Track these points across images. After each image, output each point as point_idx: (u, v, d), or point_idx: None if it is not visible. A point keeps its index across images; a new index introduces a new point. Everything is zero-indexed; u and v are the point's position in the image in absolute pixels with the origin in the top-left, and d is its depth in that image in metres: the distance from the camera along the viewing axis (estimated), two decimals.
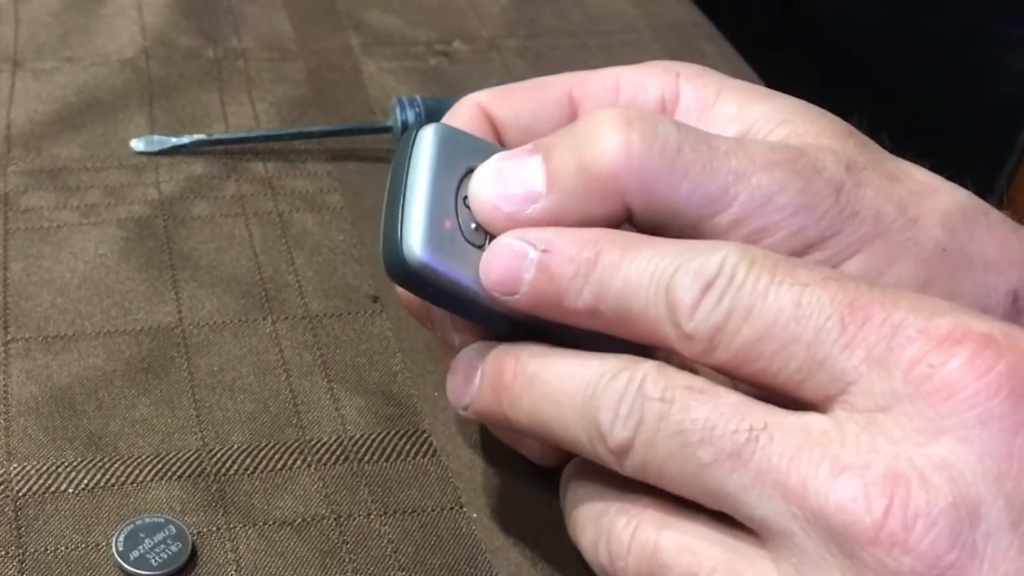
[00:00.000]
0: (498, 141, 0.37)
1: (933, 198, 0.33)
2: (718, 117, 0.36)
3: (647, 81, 0.37)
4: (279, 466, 0.42)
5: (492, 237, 0.33)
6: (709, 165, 0.31)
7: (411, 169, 0.33)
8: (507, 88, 0.38)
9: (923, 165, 0.35)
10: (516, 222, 0.32)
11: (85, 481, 0.41)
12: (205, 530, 0.39)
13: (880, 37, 1.05)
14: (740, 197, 0.31)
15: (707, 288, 0.28)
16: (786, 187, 0.31)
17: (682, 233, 0.32)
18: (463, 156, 0.34)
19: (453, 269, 0.32)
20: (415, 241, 0.32)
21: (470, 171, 0.34)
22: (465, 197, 0.33)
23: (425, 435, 0.43)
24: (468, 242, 0.32)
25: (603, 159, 0.31)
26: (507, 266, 0.32)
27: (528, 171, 0.32)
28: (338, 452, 0.43)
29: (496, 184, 0.33)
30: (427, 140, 0.34)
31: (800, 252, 0.31)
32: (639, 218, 0.32)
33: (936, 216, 0.32)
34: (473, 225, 0.33)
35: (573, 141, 0.32)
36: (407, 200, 0.33)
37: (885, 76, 1.00)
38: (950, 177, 0.35)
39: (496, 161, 0.33)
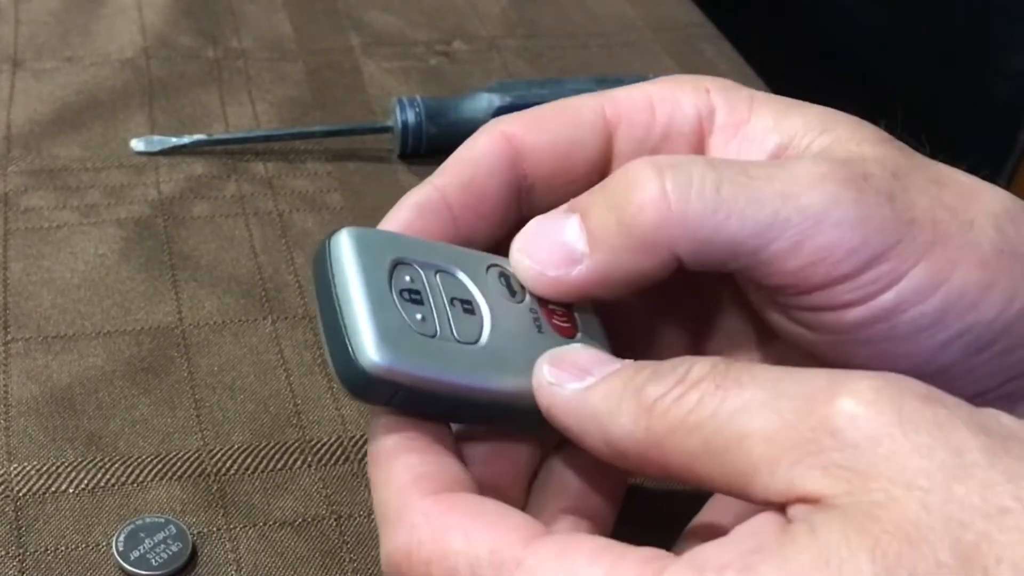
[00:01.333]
0: (519, 174, 0.35)
1: (980, 200, 0.32)
2: (755, 131, 0.35)
3: (681, 99, 0.36)
4: (279, 466, 0.42)
5: (451, 325, 0.31)
6: (753, 195, 0.30)
7: (337, 277, 0.31)
8: (534, 115, 0.36)
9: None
10: (563, 285, 0.32)
11: (85, 481, 0.41)
12: (205, 530, 0.39)
13: (880, 37, 1.05)
14: (792, 219, 0.30)
15: None
16: (838, 201, 0.30)
17: (744, 270, 0.31)
18: (382, 251, 0.32)
19: (412, 366, 0.30)
20: (368, 346, 0.29)
21: (397, 264, 0.32)
22: (403, 291, 0.31)
23: None
24: (421, 335, 0.30)
25: (642, 213, 0.30)
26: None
27: (568, 233, 0.32)
28: (338, 452, 0.43)
29: (536, 249, 0.32)
30: (343, 245, 0.31)
31: (865, 266, 0.30)
32: (691, 264, 0.31)
33: (988, 218, 0.31)
34: (419, 316, 0.31)
35: (609, 198, 0.31)
36: (344, 309, 0.30)
37: (885, 76, 1.00)
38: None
39: (534, 225, 0.33)
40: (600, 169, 0.35)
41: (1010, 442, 0.24)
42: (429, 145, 0.57)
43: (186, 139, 0.56)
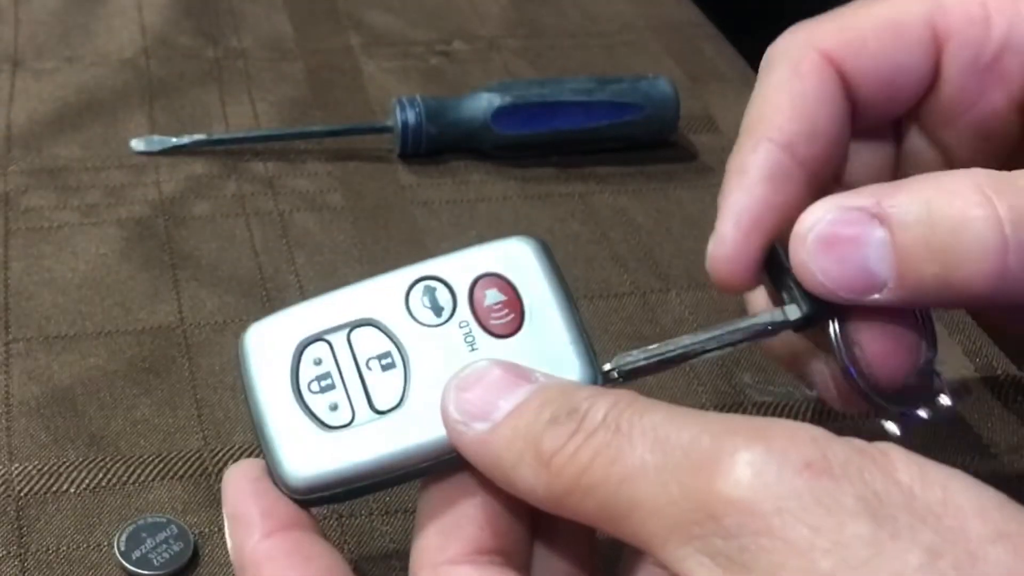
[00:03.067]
0: (848, 103, 0.30)
1: None
2: None
3: (1020, 7, 0.30)
4: None
5: (368, 398, 0.30)
6: None
7: (248, 394, 0.31)
8: (855, 30, 0.30)
9: None
10: (853, 303, 0.28)
11: (87, 481, 0.41)
12: (207, 530, 0.39)
13: None
14: None
15: None
16: None
17: None
18: (286, 339, 0.31)
19: (336, 466, 0.29)
20: (285, 471, 0.30)
21: (304, 347, 0.31)
22: (312, 382, 0.30)
23: None
24: (336, 428, 0.30)
25: (971, 283, 0.26)
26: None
27: (872, 256, 0.27)
28: None
29: (829, 263, 0.28)
30: (246, 350, 0.31)
31: None
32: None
33: None
34: (331, 404, 0.30)
35: (933, 243, 0.26)
36: (257, 428, 0.30)
37: None
38: None
39: (828, 229, 0.28)
40: (924, 86, 0.31)
41: (900, 520, 0.22)
42: (429, 145, 0.57)
43: (186, 139, 0.56)
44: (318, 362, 0.31)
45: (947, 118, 0.32)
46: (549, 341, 0.31)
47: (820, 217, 0.28)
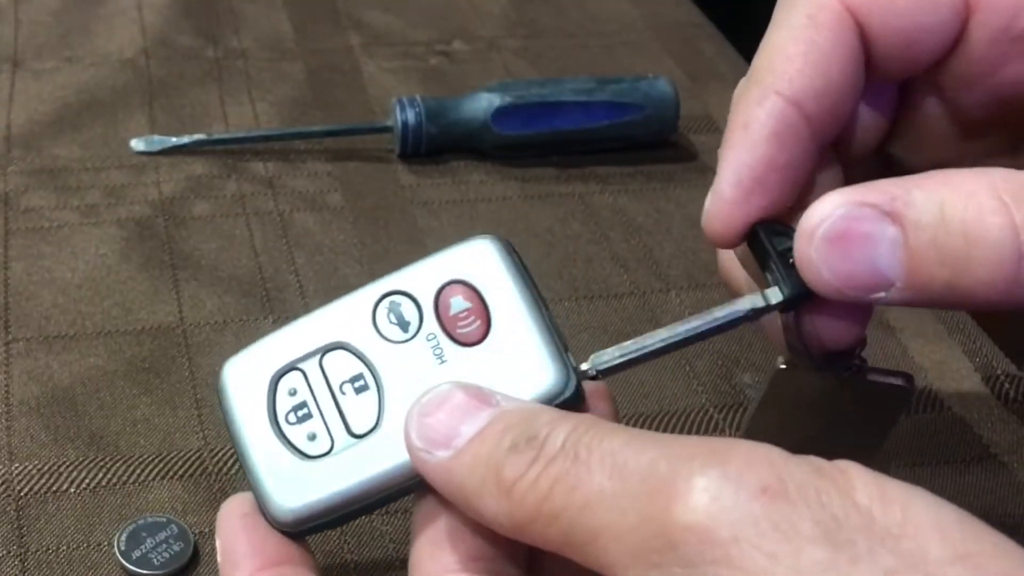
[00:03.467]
0: (863, 59, 0.29)
1: None
2: None
3: None
4: None
5: (345, 423, 0.30)
6: None
7: (229, 427, 0.31)
8: None
9: None
10: (855, 299, 0.27)
11: (87, 481, 0.41)
12: (207, 530, 0.39)
13: None
14: None
15: None
16: None
17: None
18: (261, 371, 0.31)
19: (319, 496, 0.30)
20: (272, 506, 0.30)
21: (279, 377, 0.31)
22: (289, 413, 0.31)
23: None
24: (315, 458, 0.30)
25: (980, 291, 0.26)
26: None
27: (883, 255, 0.26)
28: None
29: (840, 261, 0.27)
30: (225, 386, 0.32)
31: None
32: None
33: None
34: (309, 434, 0.30)
35: (946, 248, 0.26)
36: (244, 461, 0.31)
37: None
38: None
39: (840, 227, 0.27)
40: (945, 49, 0.30)
41: (859, 543, 0.22)
42: (429, 145, 0.57)
43: (186, 139, 0.56)
44: (293, 392, 0.31)
45: (967, 82, 0.31)
46: (518, 344, 0.30)
47: (830, 213, 0.27)
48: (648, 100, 0.57)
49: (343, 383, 0.31)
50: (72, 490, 0.40)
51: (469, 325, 0.31)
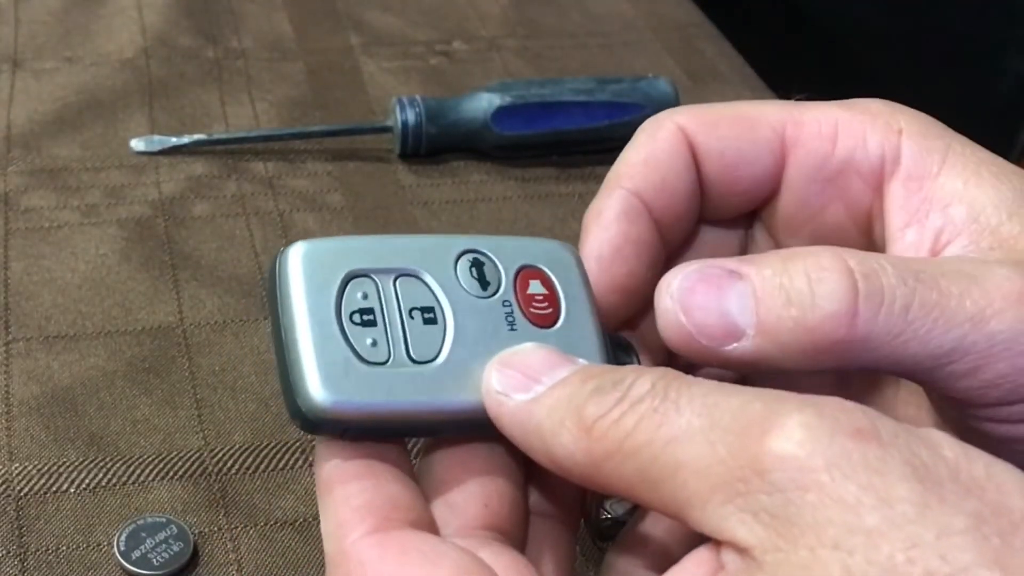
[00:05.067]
0: (698, 174, 0.34)
1: None
2: (942, 193, 0.32)
3: (868, 135, 0.33)
4: (281, 466, 0.42)
5: (407, 344, 0.30)
6: (940, 319, 0.28)
7: (283, 304, 0.30)
8: (712, 114, 0.34)
9: None
10: (715, 356, 0.29)
11: (87, 481, 0.41)
12: (207, 530, 0.39)
13: (880, 37, 1.05)
14: (978, 345, 0.28)
15: None
16: None
17: (911, 379, 0.29)
18: (335, 265, 0.31)
19: (360, 401, 0.29)
20: (310, 386, 0.29)
21: (351, 278, 0.30)
22: (354, 313, 0.30)
23: None
24: (370, 364, 0.29)
25: (826, 325, 0.28)
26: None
27: (732, 303, 0.29)
28: None
29: (692, 308, 0.29)
30: (291, 265, 0.31)
31: None
32: (856, 367, 0.29)
33: None
34: (370, 340, 0.30)
35: (794, 289, 0.28)
36: (288, 344, 0.30)
37: (885, 76, 1.00)
38: None
39: (693, 276, 0.29)
40: (769, 187, 0.34)
41: (946, 487, 0.23)
42: (429, 145, 0.57)
43: (186, 139, 0.56)
44: (364, 296, 0.31)
45: (791, 224, 0.34)
46: (578, 343, 0.31)
47: (686, 272, 0.29)
48: (648, 100, 0.57)
49: (413, 309, 0.31)
50: (72, 490, 0.40)
51: (542, 309, 0.32)
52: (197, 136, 0.56)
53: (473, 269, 0.32)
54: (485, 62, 0.66)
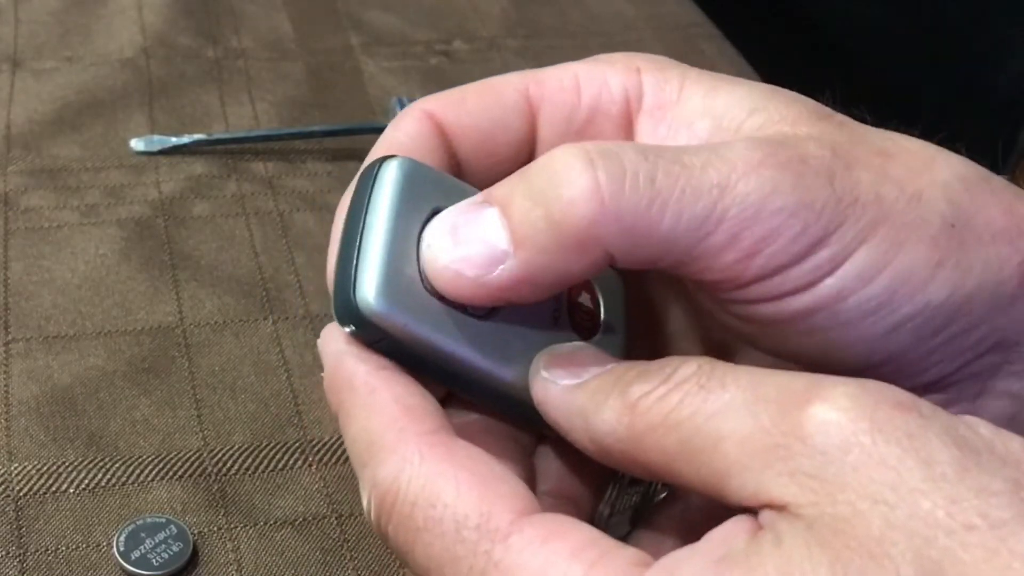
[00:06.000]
0: (449, 153, 0.34)
1: (931, 169, 0.30)
2: (684, 112, 0.33)
3: (609, 78, 0.34)
4: (280, 466, 0.42)
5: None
6: (688, 187, 0.28)
7: (371, 207, 0.30)
8: (458, 93, 0.34)
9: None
10: (484, 287, 0.29)
11: (86, 481, 0.41)
12: (206, 530, 0.39)
13: (880, 37, 1.05)
14: (730, 211, 0.28)
15: None
16: (777, 187, 0.28)
17: (677, 266, 0.29)
18: (429, 196, 0.31)
19: (410, 321, 0.29)
20: (369, 288, 0.29)
21: (435, 213, 0.31)
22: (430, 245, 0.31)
23: None
24: (428, 292, 0.30)
25: (574, 209, 0.28)
26: None
27: (487, 228, 0.29)
28: (339, 451, 0.43)
29: (453, 247, 0.29)
30: (390, 176, 0.31)
31: (805, 254, 0.29)
32: (623, 262, 0.29)
33: (938, 189, 0.30)
34: None
35: (535, 189, 0.29)
36: (364, 242, 0.30)
37: (885, 76, 1.00)
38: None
39: (446, 218, 0.30)
40: (526, 151, 0.34)
41: (983, 456, 0.24)
42: None
43: (186, 139, 0.56)
44: None
45: None
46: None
47: (440, 221, 0.30)
48: None
49: None
50: (71, 490, 0.40)
51: (583, 320, 0.33)
52: (197, 136, 0.56)
53: None
54: (485, 62, 0.66)
